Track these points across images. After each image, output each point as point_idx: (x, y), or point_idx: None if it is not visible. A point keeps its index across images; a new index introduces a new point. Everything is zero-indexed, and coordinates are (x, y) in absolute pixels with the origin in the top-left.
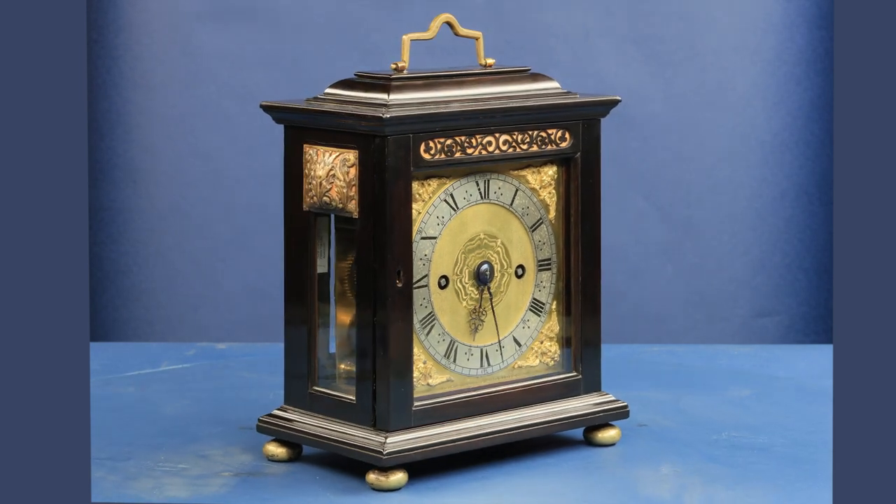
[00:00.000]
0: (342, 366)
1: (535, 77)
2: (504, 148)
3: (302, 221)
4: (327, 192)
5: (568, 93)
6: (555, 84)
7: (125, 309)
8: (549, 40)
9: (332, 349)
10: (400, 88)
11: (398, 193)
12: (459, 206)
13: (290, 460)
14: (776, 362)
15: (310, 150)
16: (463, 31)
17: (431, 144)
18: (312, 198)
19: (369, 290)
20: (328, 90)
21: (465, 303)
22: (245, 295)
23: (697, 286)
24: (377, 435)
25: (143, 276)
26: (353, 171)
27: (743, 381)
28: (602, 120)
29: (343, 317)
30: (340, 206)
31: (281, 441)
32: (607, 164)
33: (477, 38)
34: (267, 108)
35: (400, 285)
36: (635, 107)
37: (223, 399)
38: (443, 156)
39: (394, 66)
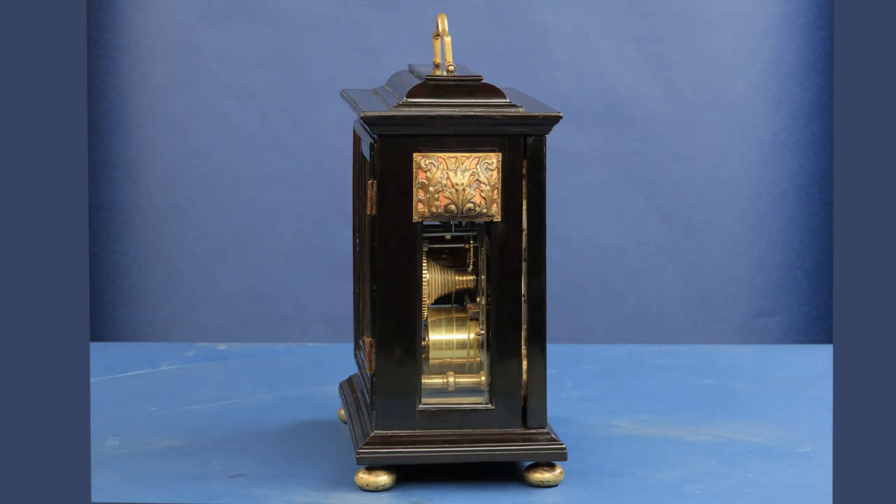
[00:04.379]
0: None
1: None
2: None
3: (410, 232)
4: (472, 198)
5: None
6: None
7: (125, 309)
8: (548, 40)
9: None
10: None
11: (545, 192)
12: None
13: (394, 486)
14: (776, 362)
15: (425, 159)
16: (444, 34)
17: None
18: (438, 207)
19: (514, 292)
20: (410, 98)
21: None
22: (245, 295)
23: (697, 286)
24: (545, 433)
25: (143, 276)
26: (495, 175)
27: (743, 382)
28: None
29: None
30: (484, 210)
31: (384, 468)
32: (607, 164)
33: (445, 41)
34: (368, 119)
35: (545, 284)
36: (635, 107)
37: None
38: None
39: (436, 62)
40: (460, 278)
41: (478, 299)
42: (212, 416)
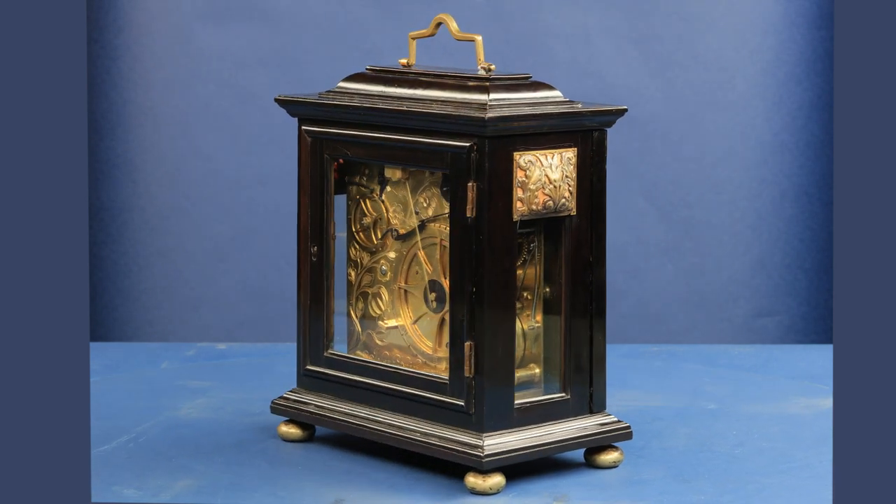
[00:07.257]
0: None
1: None
2: None
3: (511, 232)
4: (564, 193)
5: None
6: None
7: (125, 309)
8: (548, 41)
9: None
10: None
11: (605, 185)
12: None
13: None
14: (776, 362)
15: (522, 158)
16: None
17: None
18: (538, 204)
19: (585, 285)
20: (502, 96)
21: None
22: (245, 295)
23: (697, 286)
24: (609, 416)
25: (143, 276)
26: (573, 170)
27: (743, 381)
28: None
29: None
30: (569, 204)
31: (495, 469)
32: (607, 164)
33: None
34: (493, 121)
35: (605, 273)
36: (635, 107)
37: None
38: None
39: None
40: None
41: (524, 294)
42: (218, 425)
